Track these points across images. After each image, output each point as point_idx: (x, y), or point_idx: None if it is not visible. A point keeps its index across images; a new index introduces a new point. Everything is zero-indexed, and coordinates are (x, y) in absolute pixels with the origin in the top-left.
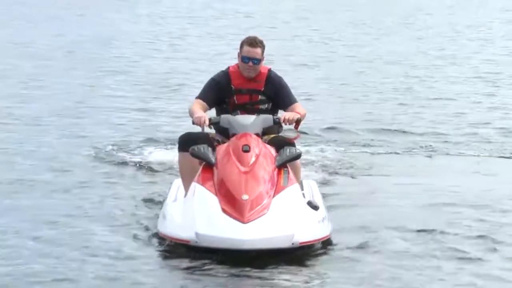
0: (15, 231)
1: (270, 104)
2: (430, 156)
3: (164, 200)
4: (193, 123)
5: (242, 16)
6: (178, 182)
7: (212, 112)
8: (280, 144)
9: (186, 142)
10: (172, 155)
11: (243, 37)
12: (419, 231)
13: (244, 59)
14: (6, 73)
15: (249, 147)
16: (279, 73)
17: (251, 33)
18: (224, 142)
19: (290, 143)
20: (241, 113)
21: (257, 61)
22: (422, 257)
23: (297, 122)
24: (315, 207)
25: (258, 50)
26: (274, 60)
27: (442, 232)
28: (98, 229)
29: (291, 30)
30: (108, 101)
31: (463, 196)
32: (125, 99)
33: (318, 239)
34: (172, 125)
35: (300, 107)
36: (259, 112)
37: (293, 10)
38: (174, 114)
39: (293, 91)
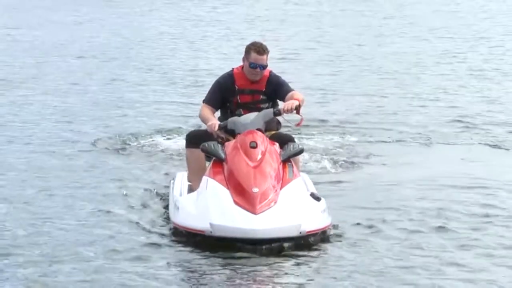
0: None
1: (271, 103)
2: (427, 145)
3: (170, 192)
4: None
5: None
6: (181, 175)
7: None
8: (280, 140)
9: (193, 139)
10: None
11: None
12: (420, 213)
13: (252, 65)
14: (47, 69)
15: (256, 144)
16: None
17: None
18: (227, 139)
19: (290, 139)
20: (244, 112)
21: (264, 67)
22: (424, 242)
23: (297, 108)
24: (318, 198)
25: (265, 57)
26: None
27: (441, 215)
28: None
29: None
30: (139, 95)
31: (459, 181)
32: (158, 94)
33: (322, 228)
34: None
35: (297, 94)
36: (260, 110)
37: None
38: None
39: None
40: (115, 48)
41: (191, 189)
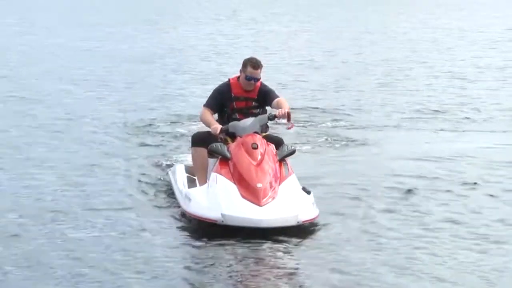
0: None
1: (261, 109)
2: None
3: (173, 184)
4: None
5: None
6: (180, 168)
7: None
8: (272, 142)
9: (197, 139)
10: None
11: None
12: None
13: (247, 77)
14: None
15: (257, 145)
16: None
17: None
18: (226, 139)
19: (280, 140)
20: (239, 116)
21: (257, 79)
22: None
23: (288, 115)
24: (308, 192)
25: (259, 71)
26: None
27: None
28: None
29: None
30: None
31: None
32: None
33: (314, 218)
34: None
35: (282, 101)
36: (252, 114)
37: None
38: None
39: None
40: (158, 55)
41: (191, 181)
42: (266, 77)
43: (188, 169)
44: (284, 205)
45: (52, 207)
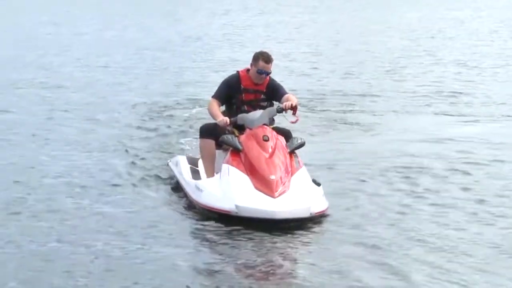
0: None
1: (269, 102)
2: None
3: (178, 175)
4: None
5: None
6: (182, 159)
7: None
8: (279, 133)
9: (205, 131)
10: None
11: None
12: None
13: (259, 71)
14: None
15: (268, 137)
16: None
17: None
18: (234, 131)
19: (288, 132)
20: (247, 108)
21: (268, 73)
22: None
23: (295, 108)
24: (318, 184)
25: (270, 65)
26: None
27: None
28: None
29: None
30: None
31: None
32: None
33: (325, 210)
34: None
35: (291, 96)
36: (260, 107)
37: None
38: None
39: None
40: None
41: (194, 172)
42: (277, 64)
43: (190, 160)
44: (297, 197)
45: (79, 183)
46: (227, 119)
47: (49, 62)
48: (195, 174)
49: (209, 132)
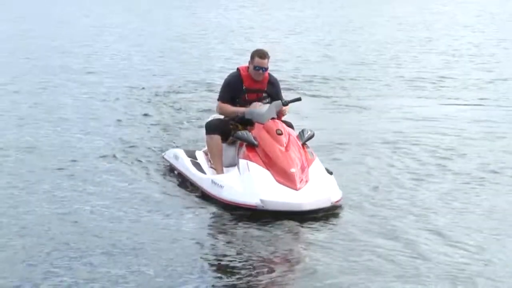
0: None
1: (270, 99)
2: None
3: (184, 169)
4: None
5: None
6: (182, 153)
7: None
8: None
9: (212, 127)
10: None
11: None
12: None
13: (256, 68)
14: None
15: (281, 131)
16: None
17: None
18: (237, 127)
19: (290, 125)
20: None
21: (266, 69)
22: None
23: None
24: (331, 173)
25: (266, 61)
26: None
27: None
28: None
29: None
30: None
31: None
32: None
33: (341, 198)
34: None
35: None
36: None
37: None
38: None
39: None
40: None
41: (195, 165)
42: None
43: (187, 153)
44: (318, 188)
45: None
46: (241, 109)
47: (83, 51)
48: (197, 166)
49: (216, 128)
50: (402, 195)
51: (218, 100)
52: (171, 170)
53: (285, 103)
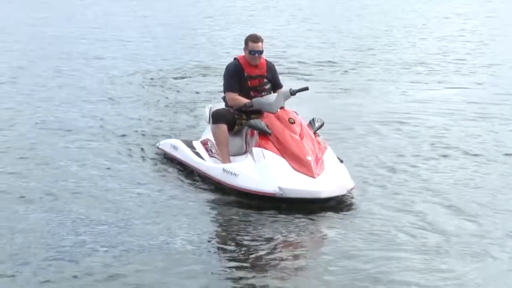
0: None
1: (270, 84)
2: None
3: (190, 160)
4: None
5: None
6: (181, 143)
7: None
8: None
9: (218, 117)
10: None
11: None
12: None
13: (251, 52)
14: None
15: (293, 120)
16: None
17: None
18: (242, 117)
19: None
20: (253, 93)
21: (261, 52)
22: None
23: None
24: (341, 161)
25: (260, 44)
26: None
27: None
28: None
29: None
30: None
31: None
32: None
33: (354, 185)
34: None
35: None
36: (265, 91)
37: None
38: None
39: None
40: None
41: (196, 154)
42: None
43: (186, 143)
44: (334, 176)
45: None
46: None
47: (96, 37)
48: (198, 156)
49: (222, 117)
50: (414, 175)
51: (225, 91)
52: (166, 158)
53: (293, 93)
